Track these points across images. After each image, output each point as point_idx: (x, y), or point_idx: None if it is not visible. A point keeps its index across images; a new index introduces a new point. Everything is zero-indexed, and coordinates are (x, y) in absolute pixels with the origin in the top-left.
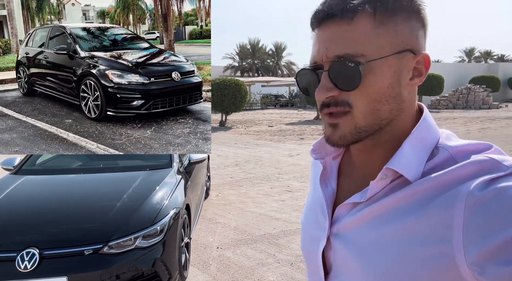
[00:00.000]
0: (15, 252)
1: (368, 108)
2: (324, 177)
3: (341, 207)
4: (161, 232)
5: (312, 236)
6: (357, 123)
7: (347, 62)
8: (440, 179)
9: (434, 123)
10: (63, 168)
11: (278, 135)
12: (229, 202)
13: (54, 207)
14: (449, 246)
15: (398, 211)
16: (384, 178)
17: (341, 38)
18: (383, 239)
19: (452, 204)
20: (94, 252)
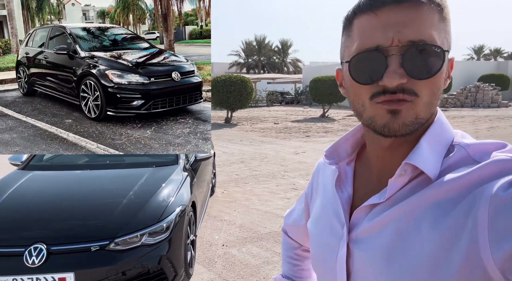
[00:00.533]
0: (23, 247)
1: (430, 100)
2: (339, 182)
3: (358, 211)
4: (167, 230)
5: (326, 244)
6: (418, 113)
7: (433, 47)
8: (463, 180)
9: (448, 122)
10: (70, 164)
11: (284, 133)
12: (234, 199)
13: (61, 203)
14: (476, 248)
15: (422, 214)
16: (403, 174)
17: (416, 23)
18: (407, 244)
19: (476, 205)
20: (100, 249)
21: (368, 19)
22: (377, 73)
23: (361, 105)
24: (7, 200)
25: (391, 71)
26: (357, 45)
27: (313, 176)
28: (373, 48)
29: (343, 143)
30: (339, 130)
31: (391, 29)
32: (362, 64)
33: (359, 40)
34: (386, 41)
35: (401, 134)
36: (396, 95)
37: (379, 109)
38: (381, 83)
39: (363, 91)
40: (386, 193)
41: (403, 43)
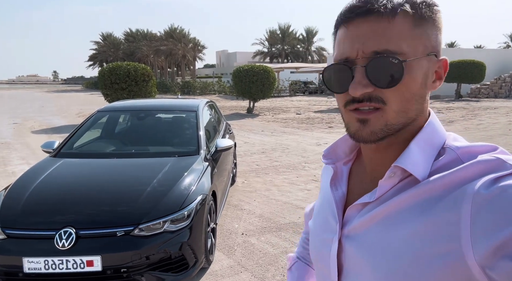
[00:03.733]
0: (54, 230)
1: (401, 106)
2: (334, 181)
3: (351, 208)
4: (188, 217)
5: (322, 239)
6: (388, 120)
7: (390, 59)
8: (448, 178)
9: (441, 125)
10: (98, 152)
11: (306, 123)
12: (254, 189)
13: (89, 190)
14: (458, 243)
15: (407, 210)
16: (392, 176)
17: (381, 35)
18: (392, 239)
19: (459, 202)
20: (125, 234)
21: (342, 32)
22: (345, 84)
23: (340, 110)
24: (39, 186)
25: (356, 82)
26: (334, 56)
27: (321, 175)
28: (343, 59)
29: (342, 143)
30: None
31: (356, 42)
32: (334, 75)
33: (336, 51)
34: (352, 53)
35: (370, 142)
36: (363, 103)
37: (351, 117)
38: (348, 93)
39: (339, 99)
40: (376, 193)
41: (367, 55)
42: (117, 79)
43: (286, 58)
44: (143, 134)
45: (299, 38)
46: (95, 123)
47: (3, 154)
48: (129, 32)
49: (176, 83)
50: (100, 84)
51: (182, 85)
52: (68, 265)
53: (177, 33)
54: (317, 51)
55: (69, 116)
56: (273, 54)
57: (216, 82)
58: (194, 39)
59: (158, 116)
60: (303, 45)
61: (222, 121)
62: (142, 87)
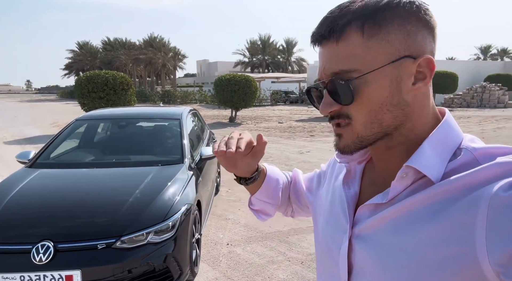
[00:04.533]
0: (30, 244)
1: (368, 118)
2: (347, 180)
3: (363, 208)
4: (172, 228)
5: (332, 237)
6: (359, 133)
7: (338, 80)
8: (464, 180)
9: (457, 126)
10: (76, 162)
11: (288, 132)
12: (239, 198)
13: (68, 201)
14: (472, 246)
15: (420, 212)
16: (405, 177)
17: (334, 57)
18: (404, 240)
19: (475, 205)
20: (107, 246)
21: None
22: (319, 103)
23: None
24: (14, 198)
25: (324, 102)
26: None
27: (330, 163)
28: (317, 80)
29: None
30: None
31: (321, 64)
32: (311, 96)
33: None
34: (321, 75)
35: (346, 153)
36: (334, 120)
37: (333, 131)
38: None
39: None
40: (388, 194)
41: (327, 77)
42: (95, 88)
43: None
44: (125, 143)
45: (279, 48)
46: (73, 133)
47: None
48: (106, 41)
49: (156, 92)
50: (77, 93)
51: (162, 94)
52: (46, 280)
53: (157, 42)
54: (297, 61)
55: (43, 126)
56: (254, 64)
57: (197, 91)
58: (174, 48)
59: (140, 124)
60: (283, 56)
61: (206, 130)
62: (121, 96)
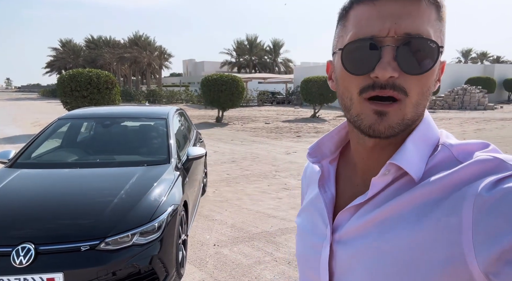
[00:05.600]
0: (10, 247)
1: (418, 100)
2: (322, 181)
3: (343, 213)
4: (158, 229)
5: (311, 243)
6: (406, 114)
7: (428, 42)
8: (446, 180)
9: (434, 123)
10: (59, 162)
11: (275, 132)
12: (226, 199)
13: (50, 202)
14: (459, 248)
15: (404, 215)
16: (387, 174)
17: (414, 17)
18: (389, 244)
19: (459, 206)
20: (90, 248)
21: (365, 9)
22: (369, 64)
23: (349, 99)
24: None
25: (384, 62)
26: (352, 34)
27: (302, 179)
28: (368, 37)
29: (327, 141)
30: (329, 130)
31: (388, 20)
32: (355, 54)
33: (354, 30)
34: (382, 32)
35: (386, 136)
36: (385, 90)
37: (366, 108)
38: (372, 75)
39: (353, 84)
40: (368, 192)
41: (399, 35)
42: (78, 87)
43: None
44: (109, 142)
45: (266, 49)
46: (55, 132)
47: None
48: (90, 39)
49: (141, 91)
50: (59, 92)
51: (148, 93)
52: None
53: (142, 40)
54: (283, 62)
55: (23, 125)
56: (241, 64)
57: (184, 91)
58: (160, 47)
59: (125, 124)
60: (270, 56)
61: (193, 130)
62: (105, 95)
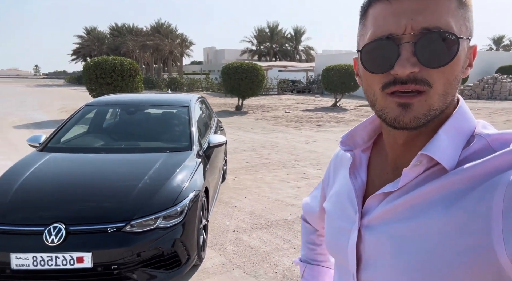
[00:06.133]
0: (43, 226)
1: (444, 90)
2: (353, 169)
3: (372, 198)
4: (181, 214)
5: (340, 228)
6: (432, 105)
7: (446, 35)
8: (478, 169)
9: (470, 113)
10: (86, 147)
11: (295, 122)
12: (245, 186)
13: (79, 185)
14: (488, 236)
15: (434, 201)
16: (418, 164)
17: (431, 10)
18: (417, 230)
19: (490, 194)
20: (117, 230)
21: (382, 7)
22: (388, 62)
23: (373, 95)
24: (27, 180)
25: (403, 59)
26: (370, 33)
27: (331, 163)
28: (385, 36)
29: (361, 130)
30: (350, 120)
31: (404, 17)
32: (374, 53)
33: (373, 29)
34: (399, 29)
35: (413, 128)
36: (407, 85)
37: (390, 101)
38: (392, 72)
39: (375, 81)
40: (399, 182)
41: (416, 31)
42: (103, 74)
43: (274, 57)
44: (134, 129)
45: (287, 36)
46: (82, 118)
47: None
48: (114, 27)
49: (162, 79)
50: (85, 79)
51: (169, 81)
52: (58, 261)
53: (164, 28)
54: (305, 50)
55: (51, 111)
56: (261, 52)
57: (204, 79)
58: (181, 35)
59: (148, 111)
60: (291, 44)
61: (213, 118)
62: (129, 82)
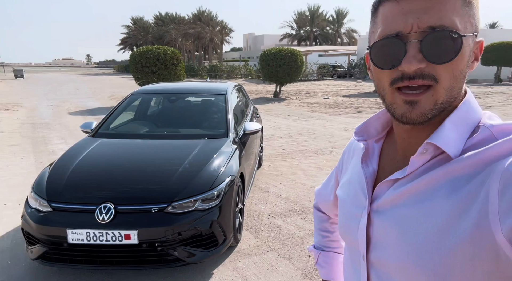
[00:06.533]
0: (95, 205)
1: (450, 84)
2: (365, 158)
3: (381, 184)
4: (217, 197)
5: (351, 213)
6: (438, 99)
7: (450, 33)
8: (479, 156)
9: (477, 104)
10: (132, 133)
11: (334, 108)
12: (281, 173)
13: (126, 168)
14: (485, 217)
15: (437, 187)
16: (424, 153)
17: (437, 9)
18: (422, 213)
19: (488, 179)
20: (159, 210)
21: (390, 7)
22: (396, 59)
23: (382, 89)
24: (81, 163)
25: (410, 56)
26: (380, 31)
27: (345, 152)
28: (393, 34)
29: (374, 121)
30: None
31: (411, 16)
32: (383, 50)
33: (382, 27)
34: (406, 28)
35: (420, 123)
36: (414, 80)
37: (397, 98)
38: (400, 68)
39: (384, 76)
40: (407, 169)
41: (422, 29)
42: (148, 63)
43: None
44: (175, 116)
45: (328, 19)
46: (129, 105)
47: (44, 134)
48: (158, 16)
49: (203, 66)
50: (131, 68)
51: (209, 68)
52: (108, 237)
53: (205, 16)
54: (347, 33)
55: (102, 98)
56: (301, 36)
57: (243, 66)
58: (221, 22)
59: (188, 99)
60: (332, 27)
61: (250, 105)
62: (171, 70)
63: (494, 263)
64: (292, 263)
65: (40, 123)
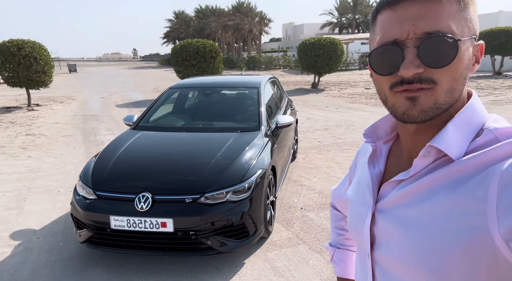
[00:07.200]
0: (134, 194)
1: (450, 86)
2: (372, 159)
3: (386, 185)
4: (248, 189)
5: (359, 212)
6: (438, 100)
7: (445, 38)
8: (479, 158)
9: (483, 107)
10: (170, 126)
11: (375, 99)
12: (315, 166)
13: (163, 159)
14: (484, 218)
15: (439, 188)
16: (427, 155)
17: (432, 16)
18: (423, 213)
19: (487, 180)
20: (193, 201)
21: (387, 15)
22: (394, 65)
23: (383, 94)
24: (122, 154)
25: (407, 62)
26: (378, 39)
27: (358, 152)
28: (391, 41)
29: (383, 123)
30: None
31: (407, 23)
32: (381, 57)
33: (380, 35)
34: (403, 35)
35: (420, 121)
36: (413, 85)
37: (399, 97)
38: (398, 74)
39: (384, 82)
40: (410, 171)
41: (418, 35)
42: (188, 56)
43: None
44: (209, 110)
45: (372, 5)
46: (167, 99)
47: (93, 125)
48: (199, 9)
49: (242, 58)
50: (173, 61)
51: (248, 60)
52: (146, 224)
53: (244, 7)
54: None
55: (146, 91)
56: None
57: (282, 57)
58: (260, 13)
59: (222, 92)
60: None
61: (284, 98)
62: (210, 63)
63: (493, 265)
64: (323, 257)
65: (90, 115)
